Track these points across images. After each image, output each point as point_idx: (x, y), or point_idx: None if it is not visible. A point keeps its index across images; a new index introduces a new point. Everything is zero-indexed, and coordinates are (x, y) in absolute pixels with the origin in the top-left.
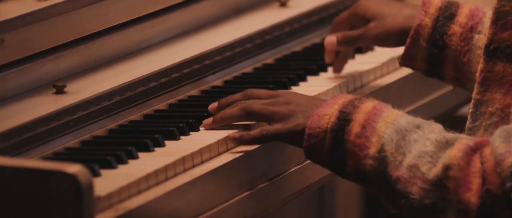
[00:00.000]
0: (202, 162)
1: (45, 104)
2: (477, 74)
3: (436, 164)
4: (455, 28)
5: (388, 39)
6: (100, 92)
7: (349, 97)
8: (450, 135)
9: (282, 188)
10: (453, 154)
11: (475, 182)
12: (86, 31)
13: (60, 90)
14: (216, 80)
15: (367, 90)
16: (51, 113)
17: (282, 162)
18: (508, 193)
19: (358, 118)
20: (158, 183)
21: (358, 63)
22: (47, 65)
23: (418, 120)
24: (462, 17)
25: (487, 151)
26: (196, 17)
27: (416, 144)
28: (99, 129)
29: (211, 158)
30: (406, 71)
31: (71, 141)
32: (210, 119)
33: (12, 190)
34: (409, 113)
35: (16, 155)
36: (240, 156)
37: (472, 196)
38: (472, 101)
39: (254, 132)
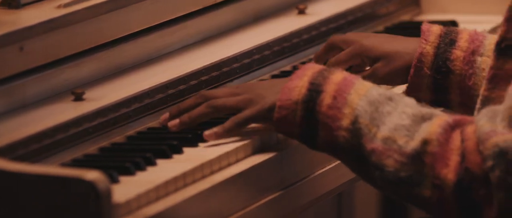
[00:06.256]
0: (220, 169)
1: (65, 111)
2: (486, 72)
3: (413, 137)
4: (457, 53)
5: (396, 76)
6: (119, 100)
7: (318, 67)
8: (426, 110)
9: (300, 195)
10: (433, 129)
11: (453, 159)
12: (105, 38)
13: (79, 97)
14: None
15: None
16: (70, 119)
17: (301, 169)
18: (487, 172)
19: (329, 89)
20: (176, 190)
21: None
22: (67, 72)
23: (389, 92)
24: (462, 42)
25: (469, 129)
26: (215, 24)
27: (389, 116)
28: (118, 136)
29: (229, 165)
30: None
31: (90, 147)
32: (176, 121)
33: (31, 196)
34: None
35: (35, 161)
36: (259, 163)
37: (449, 172)
38: (480, 98)
39: (226, 123)
